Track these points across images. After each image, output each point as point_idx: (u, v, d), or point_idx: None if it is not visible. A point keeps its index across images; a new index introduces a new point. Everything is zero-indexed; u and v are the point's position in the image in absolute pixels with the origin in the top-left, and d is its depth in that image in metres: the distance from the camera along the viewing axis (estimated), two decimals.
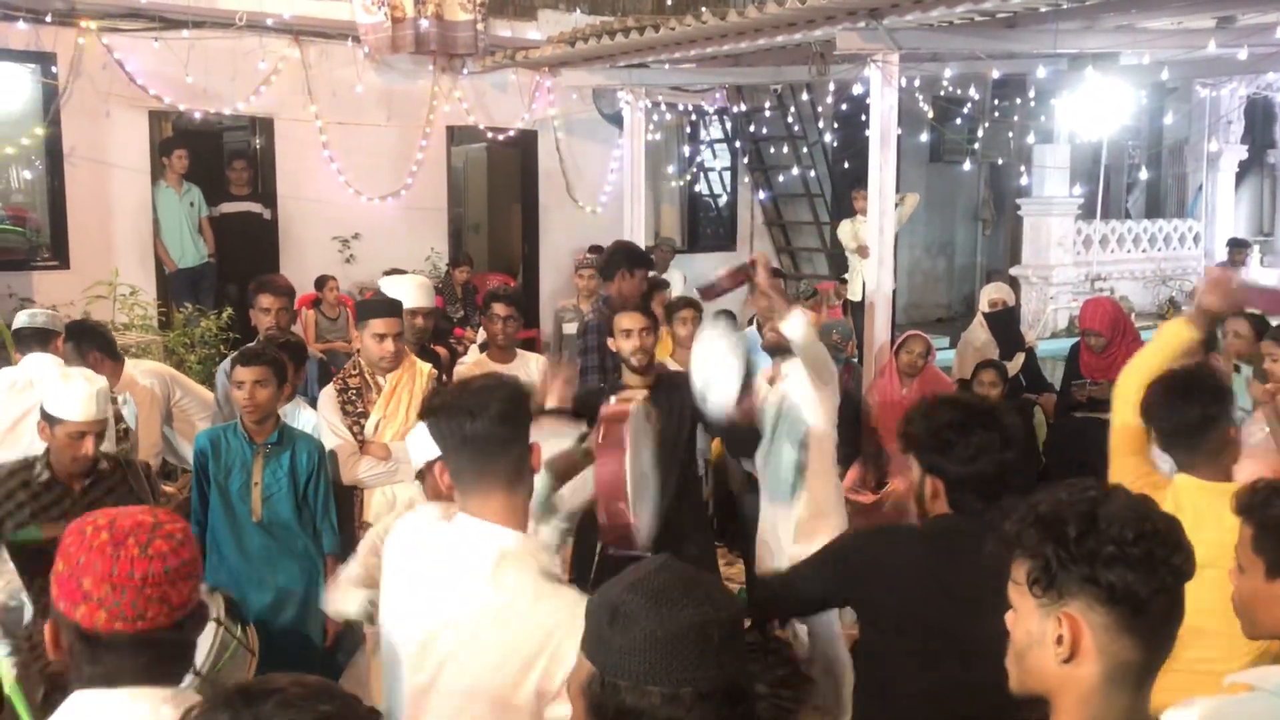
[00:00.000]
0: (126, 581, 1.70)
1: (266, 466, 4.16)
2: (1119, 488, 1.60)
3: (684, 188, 13.03)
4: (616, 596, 1.50)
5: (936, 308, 15.08)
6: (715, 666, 1.44)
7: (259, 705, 1.33)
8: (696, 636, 1.44)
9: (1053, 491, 1.57)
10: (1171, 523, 1.52)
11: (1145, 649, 1.50)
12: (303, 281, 8.60)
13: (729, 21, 7.68)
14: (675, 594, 1.47)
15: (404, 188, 10.52)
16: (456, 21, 9.88)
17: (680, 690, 1.42)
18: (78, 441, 3.59)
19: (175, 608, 1.74)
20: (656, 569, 1.53)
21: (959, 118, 11.90)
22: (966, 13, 6.70)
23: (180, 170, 9.34)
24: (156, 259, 9.43)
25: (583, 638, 1.53)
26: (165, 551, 1.74)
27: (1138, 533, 1.48)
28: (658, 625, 1.44)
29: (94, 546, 1.72)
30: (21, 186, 9.71)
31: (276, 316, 5.35)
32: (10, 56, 8.79)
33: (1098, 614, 1.48)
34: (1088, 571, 1.48)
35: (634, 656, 1.44)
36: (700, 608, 1.46)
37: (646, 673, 1.43)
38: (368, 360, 4.53)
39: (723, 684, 1.45)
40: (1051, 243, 12.95)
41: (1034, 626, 1.54)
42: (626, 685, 1.44)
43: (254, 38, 9.48)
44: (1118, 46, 8.40)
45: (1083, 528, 1.49)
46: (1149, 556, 1.47)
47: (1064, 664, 1.50)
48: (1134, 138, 14.75)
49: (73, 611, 1.71)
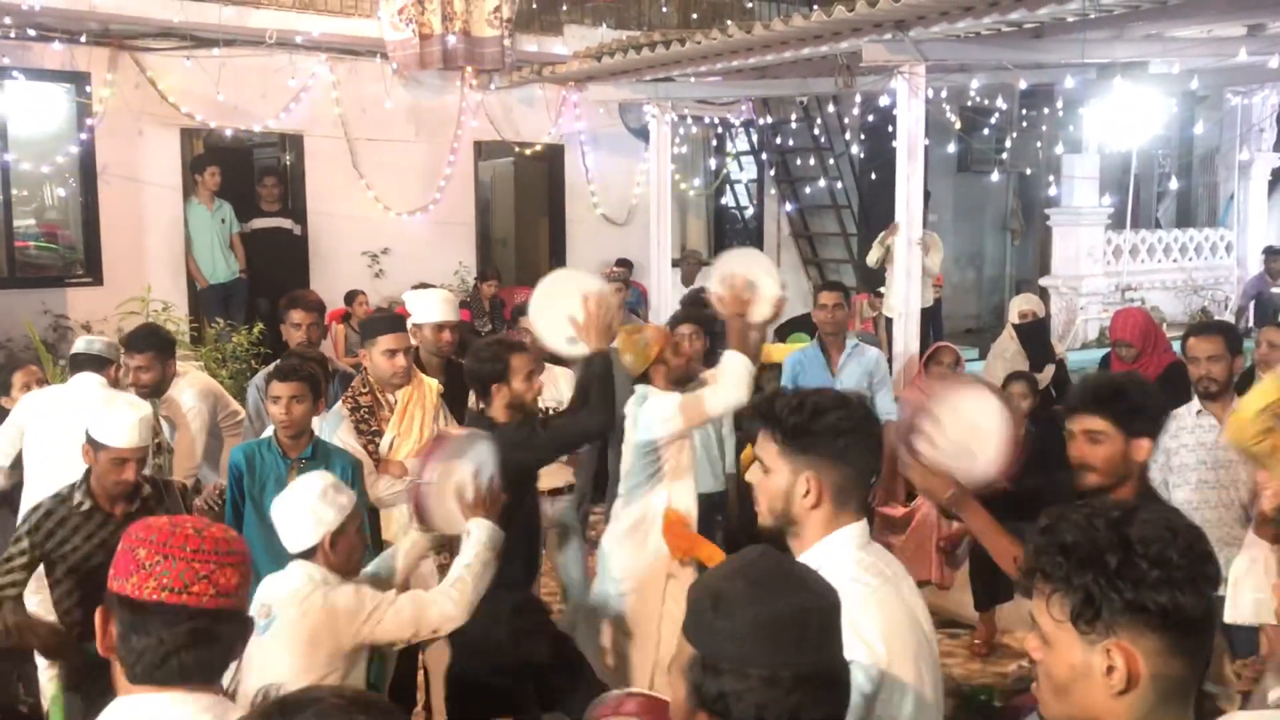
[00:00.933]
0: (177, 551, 1.81)
1: None
2: (1131, 504, 1.56)
3: (710, 200, 13.03)
4: (718, 583, 1.56)
5: (965, 319, 15.00)
6: (814, 650, 1.50)
7: (298, 715, 1.35)
8: (796, 621, 1.50)
9: (1064, 516, 1.52)
10: (1198, 532, 1.49)
11: (1194, 664, 1.48)
12: (332, 296, 8.66)
13: (755, 35, 7.69)
14: (775, 580, 1.54)
15: (432, 202, 10.59)
16: (484, 37, 9.95)
17: (780, 673, 1.47)
18: (120, 467, 3.65)
19: (220, 592, 1.83)
20: (757, 557, 1.59)
21: (986, 128, 11.86)
22: (993, 24, 6.70)
23: (212, 187, 9.44)
24: (188, 275, 9.53)
25: (684, 622, 1.58)
26: (219, 537, 1.87)
27: (1178, 551, 1.44)
28: (759, 610, 1.49)
29: (152, 525, 1.87)
30: (56, 204, 9.86)
31: (308, 332, 5.38)
32: (46, 76, 8.93)
33: (1149, 639, 1.44)
34: (1134, 598, 1.43)
35: (735, 640, 1.49)
36: (799, 594, 1.53)
37: (747, 656, 1.48)
38: (378, 377, 4.54)
39: (821, 668, 1.51)
40: (1081, 253, 12.86)
41: (1077, 659, 1.48)
42: (728, 668, 1.48)
43: (284, 55, 9.59)
44: (1147, 55, 8.36)
45: (1121, 554, 1.45)
46: (1192, 573, 1.44)
47: (1117, 697, 1.46)
48: (1164, 146, 14.63)
49: (124, 586, 1.80)
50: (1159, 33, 7.82)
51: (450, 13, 9.76)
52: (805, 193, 13.14)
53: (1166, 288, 13.84)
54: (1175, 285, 13.88)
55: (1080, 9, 6.08)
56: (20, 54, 8.66)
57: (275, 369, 4.41)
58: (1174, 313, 13.61)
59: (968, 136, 11.47)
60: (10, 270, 9.01)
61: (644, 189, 11.15)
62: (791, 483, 2.14)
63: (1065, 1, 6.07)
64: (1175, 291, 13.85)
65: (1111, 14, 6.51)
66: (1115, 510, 1.52)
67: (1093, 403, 2.88)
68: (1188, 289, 13.92)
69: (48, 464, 4.52)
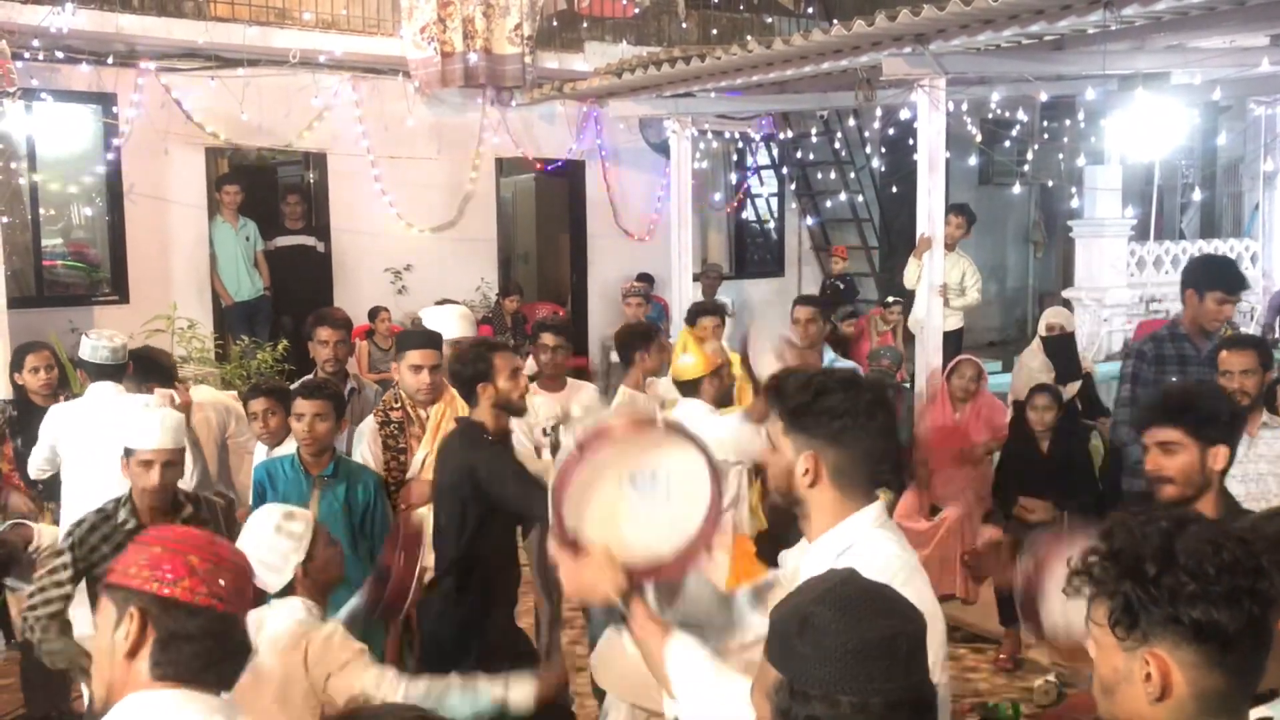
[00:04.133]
0: (223, 563, 1.92)
1: (322, 498, 4.21)
2: (1191, 515, 1.56)
3: (731, 214, 13.04)
4: (805, 607, 1.54)
5: (988, 331, 14.93)
6: (903, 676, 1.48)
7: None
8: (886, 647, 1.48)
9: (1123, 522, 1.53)
10: (1249, 549, 1.47)
11: (1236, 679, 1.46)
12: (356, 313, 8.70)
13: (774, 50, 7.71)
14: (863, 605, 1.52)
15: (454, 219, 10.64)
16: (505, 55, 10.02)
17: (870, 700, 1.46)
18: (145, 470, 3.65)
19: (245, 605, 1.96)
20: (842, 580, 1.58)
21: (1008, 140, 11.83)
22: (1013, 36, 6.68)
23: (232, 205, 9.52)
24: (213, 293, 9.61)
25: (767, 646, 1.57)
26: (241, 555, 2.03)
27: (1218, 566, 1.43)
28: (848, 636, 1.48)
29: (191, 533, 2.00)
30: (83, 223, 9.96)
31: (334, 349, 5.42)
32: (73, 98, 9.04)
33: (1185, 652, 1.44)
34: (1170, 611, 1.43)
35: (824, 666, 1.48)
36: (889, 619, 1.51)
37: (836, 681, 1.47)
38: (406, 392, 4.58)
39: (911, 693, 1.49)
40: (1104, 265, 12.77)
41: (1119, 664, 1.50)
42: (816, 694, 1.48)
43: (307, 75, 9.67)
44: (1168, 66, 8.32)
45: (1161, 565, 1.45)
46: (1233, 590, 1.43)
47: (1153, 704, 1.47)
48: (1187, 157, 14.55)
49: (173, 588, 1.85)
50: (1180, 44, 7.78)
51: (472, 31, 9.84)
52: (826, 206, 13.13)
53: None
54: None
55: (1101, 20, 6.06)
56: (48, 76, 8.77)
57: (301, 386, 4.46)
58: None
59: (989, 149, 11.43)
60: (39, 289, 9.10)
61: (665, 204, 11.17)
62: (793, 461, 2.16)
63: (1085, 14, 6.05)
64: None
65: (1133, 25, 6.48)
66: (1171, 520, 1.51)
67: (1165, 414, 2.89)
68: None
69: (82, 481, 4.59)
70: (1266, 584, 1.45)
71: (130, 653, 1.83)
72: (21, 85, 8.31)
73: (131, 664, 1.83)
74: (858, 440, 2.13)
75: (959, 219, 8.56)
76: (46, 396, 5.63)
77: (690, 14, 11.83)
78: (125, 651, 1.83)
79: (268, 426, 4.66)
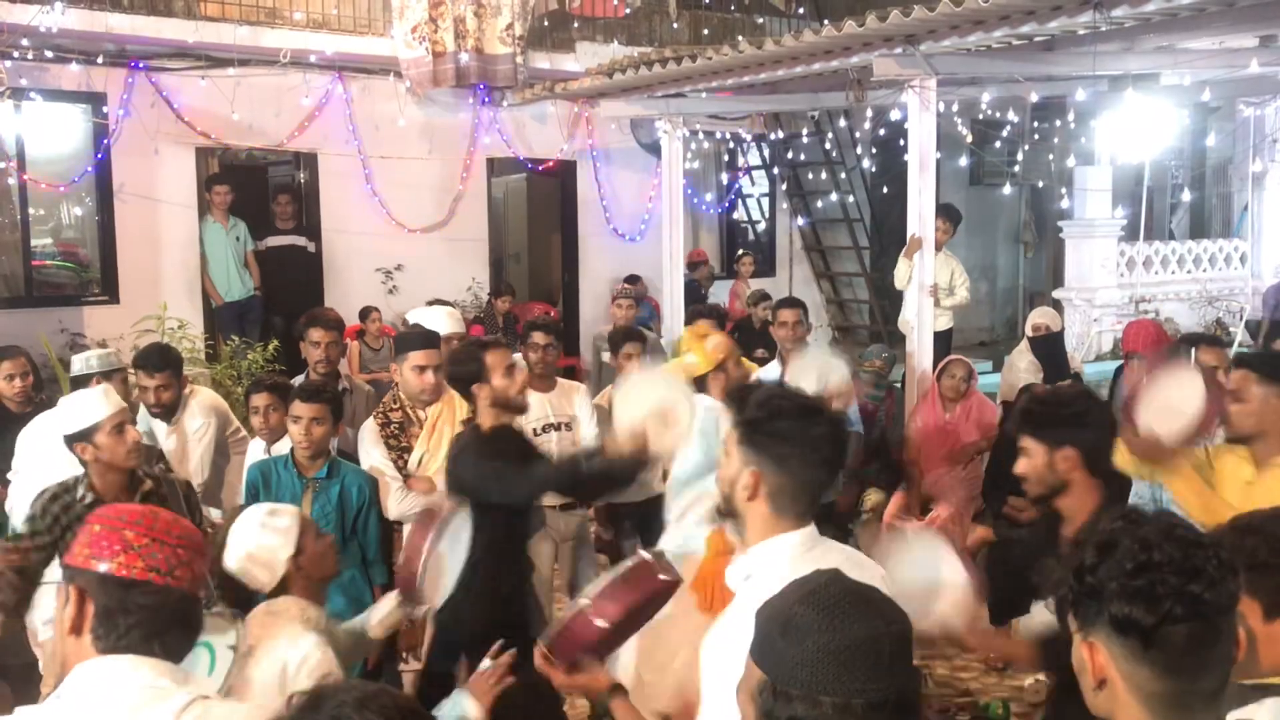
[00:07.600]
0: (164, 536, 1.93)
1: (315, 500, 4.20)
2: (1163, 513, 1.58)
3: (722, 214, 13.06)
4: (788, 608, 1.55)
5: (979, 331, 14.98)
6: (887, 678, 1.49)
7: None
8: (868, 648, 1.49)
9: (1108, 516, 1.57)
10: (1190, 549, 1.47)
11: (1170, 679, 1.47)
12: (347, 313, 8.65)
13: (765, 50, 7.72)
14: (846, 607, 1.53)
15: (445, 219, 10.64)
16: (496, 55, 10.02)
17: (853, 701, 1.47)
18: (120, 434, 3.68)
19: (195, 579, 1.96)
20: (826, 582, 1.58)
21: (998, 141, 11.87)
22: (1004, 37, 6.70)
23: (222, 205, 9.50)
24: (204, 293, 9.59)
25: (752, 646, 1.57)
26: (190, 529, 2.03)
27: (1139, 565, 1.46)
28: (830, 637, 1.49)
29: (133, 510, 2.01)
30: (73, 223, 9.95)
31: (326, 350, 5.40)
32: (63, 97, 9.01)
33: (1116, 645, 1.49)
34: (1095, 604, 1.49)
35: (807, 667, 1.48)
36: (872, 621, 1.52)
37: (819, 683, 1.47)
38: (408, 393, 4.57)
39: (894, 695, 1.49)
40: (1094, 265, 12.84)
41: (1077, 653, 1.55)
42: (798, 694, 1.48)
43: (298, 74, 9.67)
44: (1158, 67, 8.36)
45: (1096, 558, 1.50)
46: (1149, 588, 1.45)
47: (1095, 691, 1.52)
48: (1177, 158, 14.61)
49: (110, 565, 1.88)
50: (1170, 45, 7.81)
51: (463, 31, 9.84)
52: (817, 207, 13.16)
53: (1180, 299, 13.81)
54: (1189, 297, 13.85)
55: (1090, 22, 6.09)
56: (38, 75, 8.75)
57: (299, 389, 4.46)
58: (1188, 324, 13.56)
59: (979, 150, 11.46)
60: (28, 289, 9.08)
61: (656, 204, 11.18)
62: (738, 473, 2.19)
63: (1075, 14, 6.08)
64: (1189, 303, 13.82)
65: (1122, 26, 6.50)
66: (1146, 517, 1.54)
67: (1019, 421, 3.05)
68: (1202, 300, 13.88)
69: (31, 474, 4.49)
70: (1200, 587, 1.44)
71: (73, 629, 1.89)
72: (11, 85, 8.31)
73: (78, 640, 1.89)
74: (801, 469, 2.17)
75: (944, 222, 8.56)
76: (21, 404, 5.56)
77: (681, 14, 11.85)
78: (68, 628, 1.89)
79: (268, 422, 4.66)
